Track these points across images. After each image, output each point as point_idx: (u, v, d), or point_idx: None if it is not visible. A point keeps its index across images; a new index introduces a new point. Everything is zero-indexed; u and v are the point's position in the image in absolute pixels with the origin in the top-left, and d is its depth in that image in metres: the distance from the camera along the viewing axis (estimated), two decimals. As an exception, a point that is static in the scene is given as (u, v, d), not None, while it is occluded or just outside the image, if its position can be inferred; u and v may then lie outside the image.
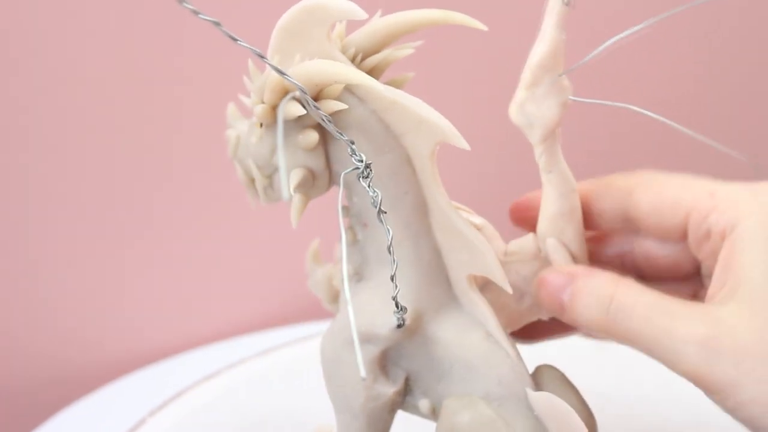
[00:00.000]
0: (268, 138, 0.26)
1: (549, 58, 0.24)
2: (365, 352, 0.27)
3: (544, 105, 0.24)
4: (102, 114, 0.50)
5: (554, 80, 0.24)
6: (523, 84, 0.25)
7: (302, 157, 0.26)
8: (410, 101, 0.25)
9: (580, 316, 0.26)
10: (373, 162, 0.25)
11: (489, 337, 0.26)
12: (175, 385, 0.45)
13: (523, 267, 0.28)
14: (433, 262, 0.27)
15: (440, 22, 0.26)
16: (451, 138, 0.24)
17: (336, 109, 0.24)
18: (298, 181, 0.25)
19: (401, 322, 0.25)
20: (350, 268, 0.28)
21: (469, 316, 0.27)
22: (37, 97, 0.48)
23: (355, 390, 0.27)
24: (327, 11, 0.25)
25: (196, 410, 0.43)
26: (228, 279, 0.56)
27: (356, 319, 0.27)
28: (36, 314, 0.52)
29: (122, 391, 0.49)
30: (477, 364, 0.26)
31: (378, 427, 0.28)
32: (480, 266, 0.26)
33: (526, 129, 0.25)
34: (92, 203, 0.51)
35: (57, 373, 0.53)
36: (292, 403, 0.43)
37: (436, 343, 0.27)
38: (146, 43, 0.49)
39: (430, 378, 0.27)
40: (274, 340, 0.50)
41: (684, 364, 0.23)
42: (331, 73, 0.24)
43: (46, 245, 0.51)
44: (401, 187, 0.26)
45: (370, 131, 0.25)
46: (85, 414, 0.46)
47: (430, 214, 0.26)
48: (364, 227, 0.27)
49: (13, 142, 0.48)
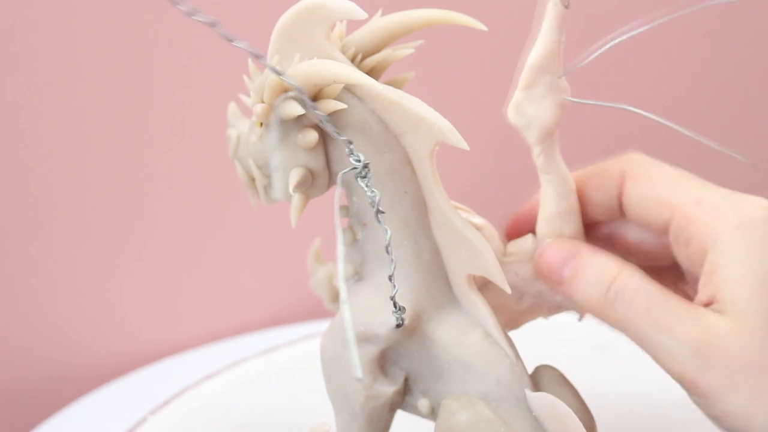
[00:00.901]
0: (268, 137, 0.26)
1: (546, 59, 0.24)
2: (364, 352, 0.27)
3: (541, 106, 0.24)
4: (99, 113, 0.50)
5: (552, 81, 0.24)
6: (520, 85, 0.25)
7: (302, 156, 0.26)
8: (409, 101, 0.25)
9: (578, 293, 0.26)
10: (372, 161, 0.25)
11: (488, 337, 0.26)
12: (176, 384, 0.45)
13: (522, 267, 0.28)
14: (433, 262, 0.27)
15: (440, 21, 0.26)
16: (450, 138, 0.24)
17: (335, 109, 0.24)
18: (297, 180, 0.25)
19: (400, 322, 0.25)
20: (350, 268, 0.28)
21: (468, 316, 0.27)
22: (37, 97, 0.48)
23: (355, 390, 0.27)
24: (326, 11, 0.25)
25: (196, 409, 0.43)
26: (228, 279, 0.56)
27: (355, 319, 0.27)
28: (35, 314, 0.52)
29: (123, 390, 0.49)
30: (475, 364, 0.26)
31: (378, 427, 0.28)
32: (479, 266, 0.26)
33: (523, 130, 0.25)
34: (91, 203, 0.51)
35: (57, 372, 0.53)
36: (293, 402, 0.43)
37: (434, 343, 0.27)
38: (148, 44, 0.49)
39: (429, 378, 0.27)
40: (274, 340, 0.50)
41: (676, 363, 0.24)
42: (329, 73, 0.24)
43: (44, 245, 0.51)
44: (401, 186, 0.26)
45: (370, 131, 0.25)
46: (85, 413, 0.46)
47: (429, 213, 0.26)
48: (363, 227, 0.27)
49: (11, 141, 0.48)
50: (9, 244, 0.50)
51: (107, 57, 0.49)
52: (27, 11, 0.46)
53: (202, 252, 0.55)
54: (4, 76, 0.46)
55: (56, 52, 0.47)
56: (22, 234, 0.50)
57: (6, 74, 0.47)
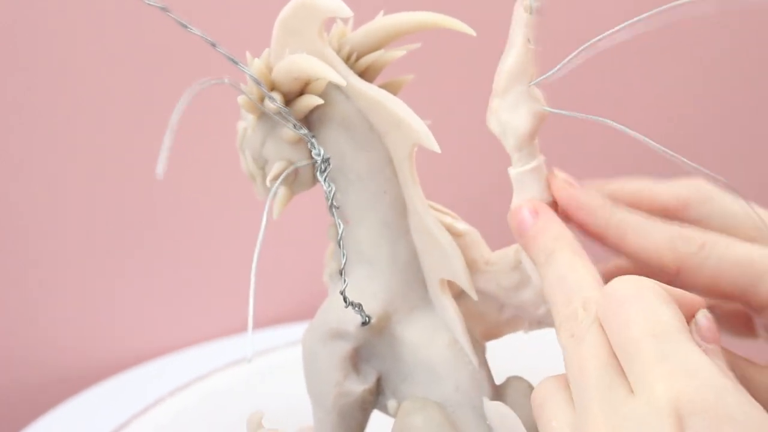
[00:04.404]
0: (259, 129, 0.27)
1: (517, 66, 0.24)
2: (337, 348, 0.27)
3: (515, 113, 0.24)
4: (93, 115, 0.50)
5: (524, 89, 0.24)
6: (494, 92, 0.25)
7: (286, 150, 0.26)
8: (391, 101, 0.25)
9: (531, 257, 0.26)
10: (353, 158, 0.26)
11: (455, 343, 0.26)
12: (172, 383, 0.45)
13: (504, 278, 0.28)
14: (409, 264, 0.27)
15: (433, 25, 0.26)
16: (424, 140, 0.24)
17: (312, 104, 0.25)
18: (276, 173, 0.26)
19: (365, 320, 0.25)
20: (334, 265, 0.29)
21: (440, 320, 0.27)
22: (35, 97, 0.48)
23: (328, 386, 0.28)
24: (316, 8, 0.25)
25: (192, 408, 0.43)
26: (226, 278, 0.55)
27: (328, 315, 0.27)
28: (28, 315, 0.52)
29: (123, 389, 0.49)
30: (438, 369, 0.26)
31: (351, 425, 0.28)
32: (448, 270, 0.26)
33: (501, 137, 0.25)
34: (80, 202, 0.51)
35: (52, 372, 0.53)
36: (292, 402, 0.43)
37: (403, 344, 0.27)
38: (147, 43, 0.49)
39: (396, 378, 0.27)
40: (273, 340, 0.50)
41: None
42: (307, 69, 0.24)
43: (36, 247, 0.51)
44: (381, 186, 0.26)
45: (353, 128, 0.26)
46: (85, 412, 0.47)
47: (408, 215, 0.27)
48: (345, 224, 0.28)
49: (9, 141, 0.49)
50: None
51: (106, 56, 0.49)
52: (27, 11, 0.47)
53: (201, 252, 0.55)
54: (4, 76, 0.47)
55: (55, 52, 0.48)
56: (10, 236, 0.50)
57: (6, 74, 0.47)
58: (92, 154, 0.51)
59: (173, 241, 0.54)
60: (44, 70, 0.49)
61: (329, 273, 0.30)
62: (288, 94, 0.26)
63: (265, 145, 0.27)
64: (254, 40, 0.27)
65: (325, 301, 0.30)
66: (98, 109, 0.50)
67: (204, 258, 0.56)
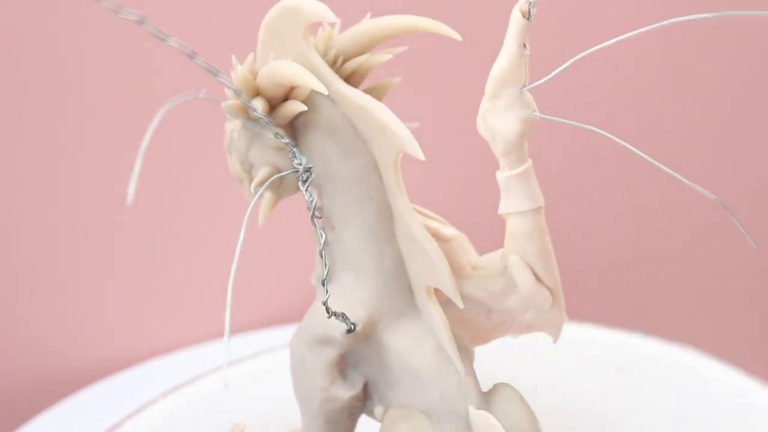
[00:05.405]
0: (245, 133, 0.27)
1: (508, 71, 0.23)
2: (323, 354, 0.27)
3: (504, 118, 0.24)
4: (95, 112, 0.50)
5: (515, 94, 0.24)
6: (485, 96, 0.24)
7: (271, 155, 0.26)
8: (375, 107, 0.25)
9: None
10: (339, 165, 0.26)
11: (441, 351, 0.26)
12: (165, 384, 0.45)
13: (491, 283, 0.28)
14: (396, 270, 0.27)
15: (419, 29, 0.26)
16: (408, 147, 0.24)
17: (296, 110, 0.25)
18: (261, 178, 0.26)
19: (350, 327, 0.25)
20: (319, 270, 0.28)
21: (427, 327, 0.27)
22: (34, 97, 0.48)
23: (314, 392, 0.27)
24: (300, 12, 0.25)
25: (185, 409, 0.43)
26: (219, 281, 0.55)
27: (314, 321, 0.27)
28: (28, 316, 0.52)
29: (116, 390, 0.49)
30: (424, 376, 0.25)
31: (338, 430, 0.28)
32: (432, 277, 0.25)
33: (489, 142, 0.25)
34: (72, 202, 0.51)
35: (44, 374, 0.53)
36: (284, 404, 0.43)
37: (389, 351, 0.26)
38: (145, 43, 0.49)
39: (383, 385, 0.27)
40: (272, 340, 0.50)
41: None
42: (288, 76, 0.24)
43: (27, 248, 0.51)
44: (367, 192, 0.26)
45: (339, 134, 0.25)
46: (77, 414, 0.47)
47: (394, 221, 0.26)
48: (332, 230, 0.28)
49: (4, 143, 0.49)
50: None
51: (103, 55, 0.49)
52: (27, 12, 0.47)
53: (199, 251, 0.55)
54: (4, 76, 0.47)
55: (52, 51, 0.48)
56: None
57: (6, 74, 0.47)
58: (84, 159, 0.51)
59: (166, 244, 0.54)
60: (44, 70, 0.48)
61: (316, 276, 0.29)
62: (272, 99, 0.25)
63: (250, 150, 0.27)
64: (244, 41, 0.27)
65: (312, 304, 0.29)
66: (99, 107, 0.50)
67: (197, 260, 0.55)
